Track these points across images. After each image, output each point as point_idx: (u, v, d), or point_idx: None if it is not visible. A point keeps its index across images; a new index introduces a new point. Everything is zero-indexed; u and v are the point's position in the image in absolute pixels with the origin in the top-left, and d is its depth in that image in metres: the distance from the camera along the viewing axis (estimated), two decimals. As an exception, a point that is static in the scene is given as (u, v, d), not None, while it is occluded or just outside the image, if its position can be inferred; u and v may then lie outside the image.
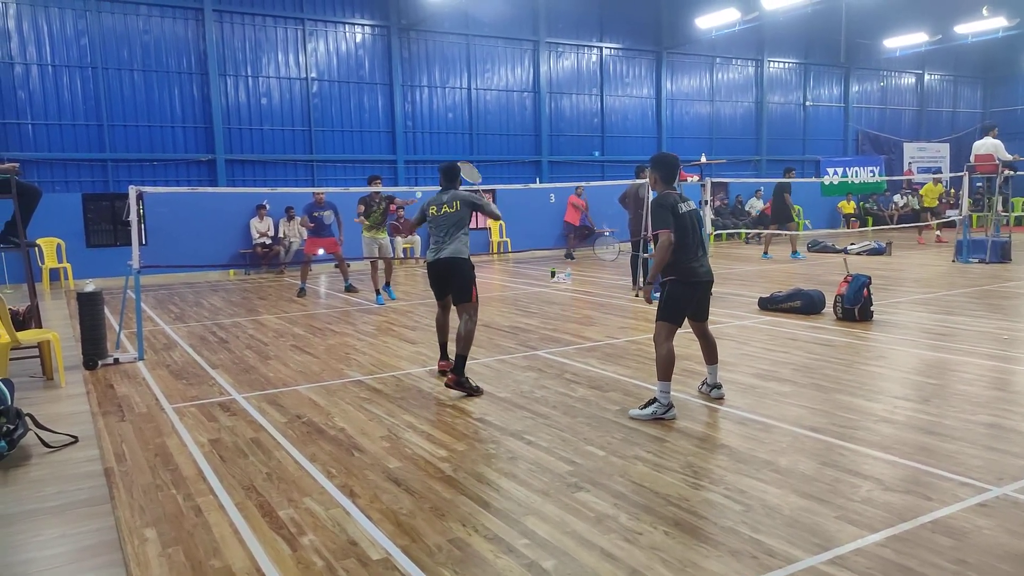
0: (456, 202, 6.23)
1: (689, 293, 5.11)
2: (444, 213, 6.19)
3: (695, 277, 5.10)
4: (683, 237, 5.03)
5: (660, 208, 5.03)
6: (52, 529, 3.70)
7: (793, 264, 15.11)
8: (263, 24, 17.28)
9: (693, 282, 5.11)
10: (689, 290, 5.10)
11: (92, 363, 7.15)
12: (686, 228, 5.06)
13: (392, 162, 18.92)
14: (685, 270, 5.07)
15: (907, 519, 3.46)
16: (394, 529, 3.52)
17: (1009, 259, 13.93)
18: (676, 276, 5.07)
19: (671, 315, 5.08)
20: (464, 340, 5.87)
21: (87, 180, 15.74)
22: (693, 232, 5.11)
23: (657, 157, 5.40)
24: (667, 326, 5.06)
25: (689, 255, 5.07)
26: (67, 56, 15.36)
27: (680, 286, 5.09)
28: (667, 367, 5.02)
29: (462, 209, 6.20)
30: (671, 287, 5.10)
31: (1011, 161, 14.18)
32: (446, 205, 6.23)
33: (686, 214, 5.08)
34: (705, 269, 5.18)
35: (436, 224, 6.23)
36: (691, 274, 5.09)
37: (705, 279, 5.19)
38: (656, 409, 5.03)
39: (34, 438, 4.88)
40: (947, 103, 30.09)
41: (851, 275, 8.60)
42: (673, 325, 5.08)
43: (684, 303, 5.11)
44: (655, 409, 5.03)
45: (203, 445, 4.81)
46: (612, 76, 22.31)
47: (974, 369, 6.24)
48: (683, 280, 5.08)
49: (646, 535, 3.38)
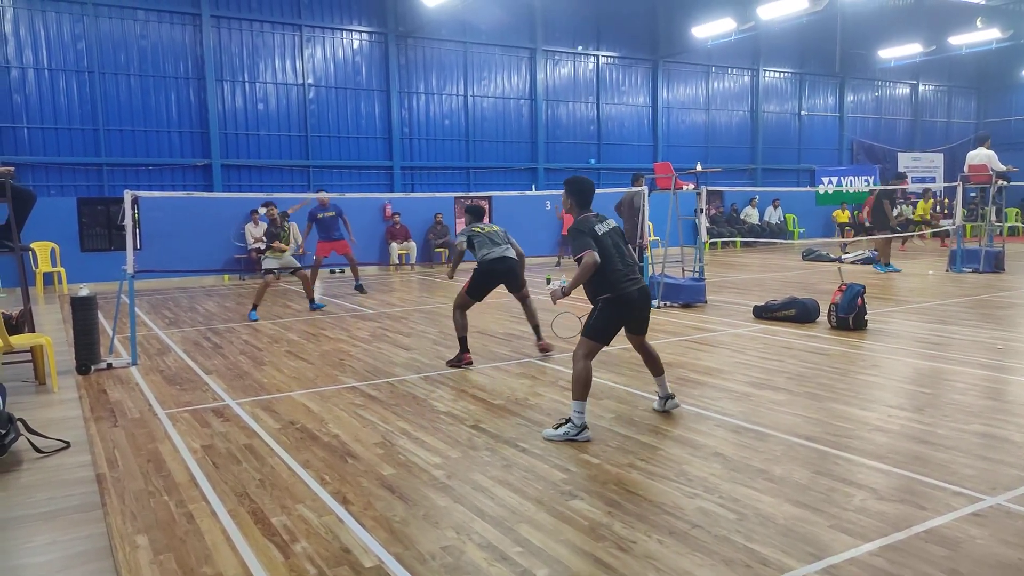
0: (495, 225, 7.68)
1: (622, 312, 4.93)
2: (491, 231, 7.47)
3: (628, 296, 4.90)
4: (608, 258, 4.87)
5: (578, 233, 4.91)
6: (43, 535, 3.68)
7: (794, 273, 15.14)
8: (260, 30, 17.31)
9: (627, 301, 4.91)
10: (622, 309, 4.92)
11: (85, 368, 7.12)
12: (608, 249, 4.91)
13: (388, 168, 18.94)
14: (617, 289, 4.88)
15: (901, 528, 3.46)
16: (387, 536, 3.51)
17: (1003, 269, 13.98)
18: (610, 294, 4.89)
19: (597, 334, 4.89)
20: (535, 313, 7.62)
21: (82, 184, 15.72)
22: (618, 251, 4.99)
23: (571, 181, 5.26)
24: (590, 344, 4.87)
25: (618, 275, 4.90)
26: (64, 60, 15.36)
27: (612, 305, 4.89)
28: (584, 386, 4.79)
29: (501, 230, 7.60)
30: (603, 305, 4.90)
31: (1005, 172, 14.26)
32: (487, 227, 7.52)
33: (606, 235, 4.96)
34: (639, 287, 4.98)
35: (493, 236, 7.44)
36: (623, 293, 4.88)
37: (638, 297, 4.97)
38: (568, 430, 4.77)
39: (26, 443, 4.85)
40: (941, 113, 30.27)
41: (845, 284, 8.62)
42: (597, 344, 4.90)
43: (614, 323, 4.94)
44: (567, 430, 4.78)
45: (196, 451, 4.79)
46: (608, 84, 22.39)
47: (968, 379, 6.26)
48: (615, 299, 4.88)
49: (640, 544, 3.38)
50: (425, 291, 13.75)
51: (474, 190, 19.83)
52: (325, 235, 12.34)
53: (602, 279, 4.88)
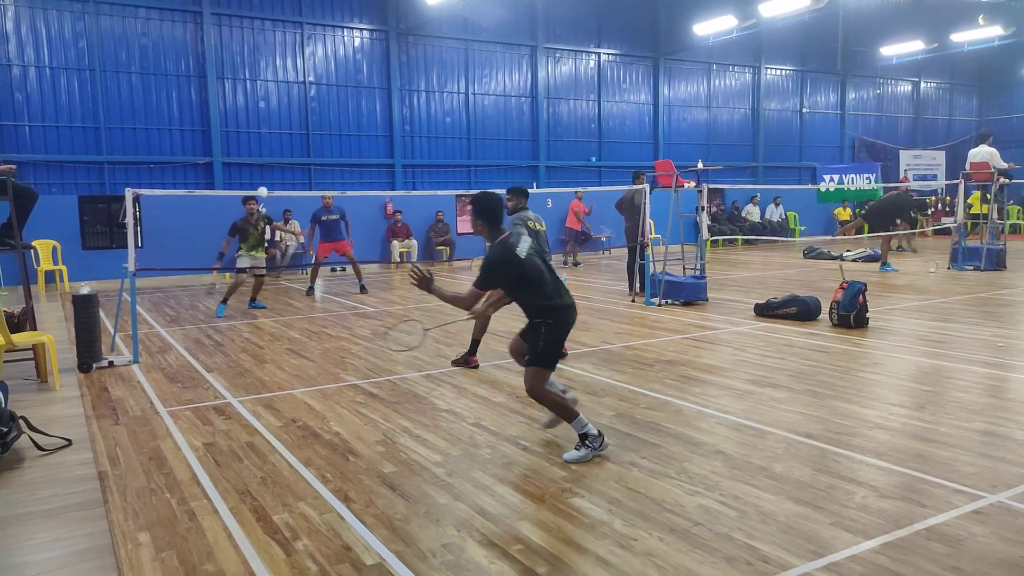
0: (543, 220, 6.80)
1: (564, 332, 4.67)
2: (540, 230, 6.63)
3: (567, 314, 4.62)
4: (538, 280, 4.57)
5: (492, 265, 4.52)
6: (45, 533, 3.68)
7: (795, 271, 15.14)
8: (261, 28, 17.30)
9: (566, 320, 4.62)
10: (565, 329, 4.65)
11: (87, 366, 7.12)
12: (538, 269, 4.60)
13: (390, 166, 18.94)
14: (557, 310, 4.57)
15: (902, 526, 3.46)
16: (388, 534, 3.51)
17: (1004, 267, 13.98)
18: (552, 320, 4.54)
19: (549, 361, 4.58)
20: None
21: (83, 182, 15.72)
22: (547, 267, 4.72)
23: (476, 200, 4.78)
24: (542, 373, 4.56)
25: (551, 294, 4.59)
26: (65, 58, 15.35)
27: (556, 329, 4.57)
28: (563, 408, 4.55)
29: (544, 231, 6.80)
30: (548, 332, 4.53)
31: (1006, 169, 14.24)
32: (538, 223, 6.67)
33: (528, 257, 4.57)
34: (570, 301, 4.68)
35: (539, 238, 6.54)
36: (563, 312, 4.59)
37: (571, 313, 4.67)
38: (591, 444, 4.45)
39: (28, 441, 4.86)
40: (943, 111, 30.22)
41: (847, 282, 8.62)
42: (548, 371, 4.61)
43: (560, 345, 4.69)
44: (590, 444, 4.45)
45: (197, 449, 4.80)
46: (610, 82, 22.36)
47: (969, 376, 6.25)
48: (558, 322, 4.58)
49: (641, 541, 3.38)
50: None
51: (475, 188, 19.79)
52: (326, 236, 12.63)
53: (540, 304, 4.57)
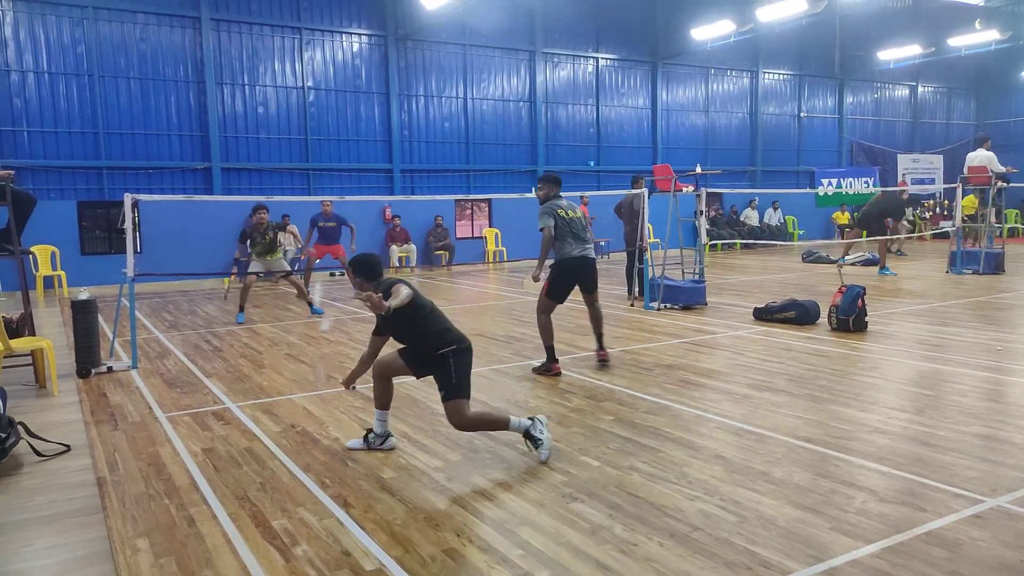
0: (576, 207, 6.90)
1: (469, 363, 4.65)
2: (574, 217, 6.70)
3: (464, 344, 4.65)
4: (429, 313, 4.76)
5: None
6: (43, 539, 3.67)
7: (794, 274, 15.15)
8: (260, 33, 17.33)
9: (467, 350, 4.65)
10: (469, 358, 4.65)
11: (85, 371, 7.11)
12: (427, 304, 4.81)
13: (388, 171, 18.95)
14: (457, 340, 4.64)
15: (901, 530, 3.46)
16: (388, 539, 3.51)
17: (1002, 270, 13.99)
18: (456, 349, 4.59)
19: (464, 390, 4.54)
20: (602, 320, 7.00)
21: (82, 188, 15.73)
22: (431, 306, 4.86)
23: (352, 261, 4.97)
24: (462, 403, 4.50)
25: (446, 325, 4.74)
26: (64, 64, 15.37)
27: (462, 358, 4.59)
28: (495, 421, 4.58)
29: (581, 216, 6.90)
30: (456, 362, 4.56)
31: (1004, 173, 14.28)
32: (570, 210, 6.76)
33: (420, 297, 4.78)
34: None
35: (574, 225, 6.71)
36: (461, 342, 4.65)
37: None
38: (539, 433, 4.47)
39: (26, 447, 4.85)
40: (940, 115, 30.29)
41: (846, 286, 8.62)
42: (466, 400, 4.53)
43: None
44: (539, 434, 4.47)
45: (196, 454, 4.79)
46: (608, 86, 22.41)
47: (968, 380, 6.26)
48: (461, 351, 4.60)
49: (641, 546, 3.38)
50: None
51: (474, 192, 19.84)
52: (322, 239, 12.77)
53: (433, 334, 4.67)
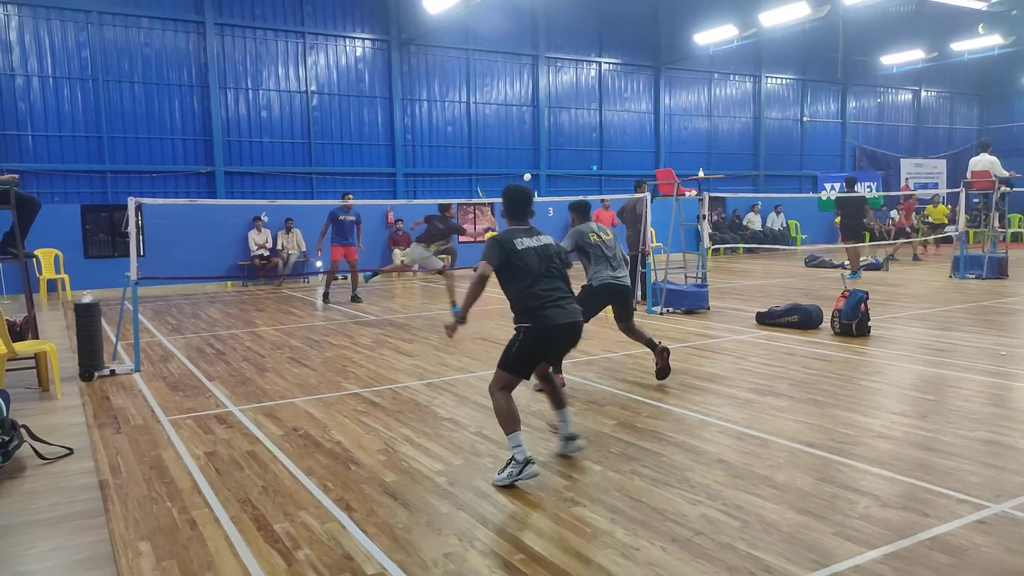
0: (606, 231, 6.53)
1: (543, 347, 4.36)
2: (605, 240, 6.41)
3: (550, 328, 4.29)
4: (524, 276, 4.29)
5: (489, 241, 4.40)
6: (46, 542, 3.68)
7: (796, 279, 15.14)
8: (264, 37, 17.38)
9: (547, 335, 4.31)
10: (545, 343, 4.35)
11: (88, 375, 7.13)
12: (529, 266, 4.31)
13: (391, 175, 18.98)
14: (538, 318, 4.28)
15: (905, 536, 3.45)
16: (390, 543, 3.51)
17: (1006, 275, 13.96)
18: (531, 326, 4.28)
19: (513, 368, 4.31)
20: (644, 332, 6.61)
21: (86, 191, 15.77)
22: (551, 272, 4.39)
23: (505, 189, 4.67)
24: (502, 376, 4.31)
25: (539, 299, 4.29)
26: (68, 68, 15.43)
27: (531, 339, 4.30)
28: (507, 418, 4.22)
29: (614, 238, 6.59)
30: (524, 338, 4.31)
31: (1007, 178, 14.25)
32: (602, 233, 6.44)
33: (526, 250, 4.34)
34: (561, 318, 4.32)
35: (606, 247, 6.39)
36: (546, 322, 4.27)
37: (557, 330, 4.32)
38: (512, 471, 4.13)
39: (29, 450, 4.85)
40: (944, 120, 30.27)
41: (848, 290, 8.61)
42: (511, 377, 4.31)
43: (534, 357, 4.36)
44: (511, 471, 4.13)
45: (199, 458, 4.79)
46: (611, 91, 22.43)
47: (972, 385, 6.24)
48: (536, 332, 4.29)
49: (643, 551, 3.37)
50: (427, 297, 13.75)
51: (477, 197, 19.85)
52: (341, 239, 12.58)
53: (524, 308, 4.31)
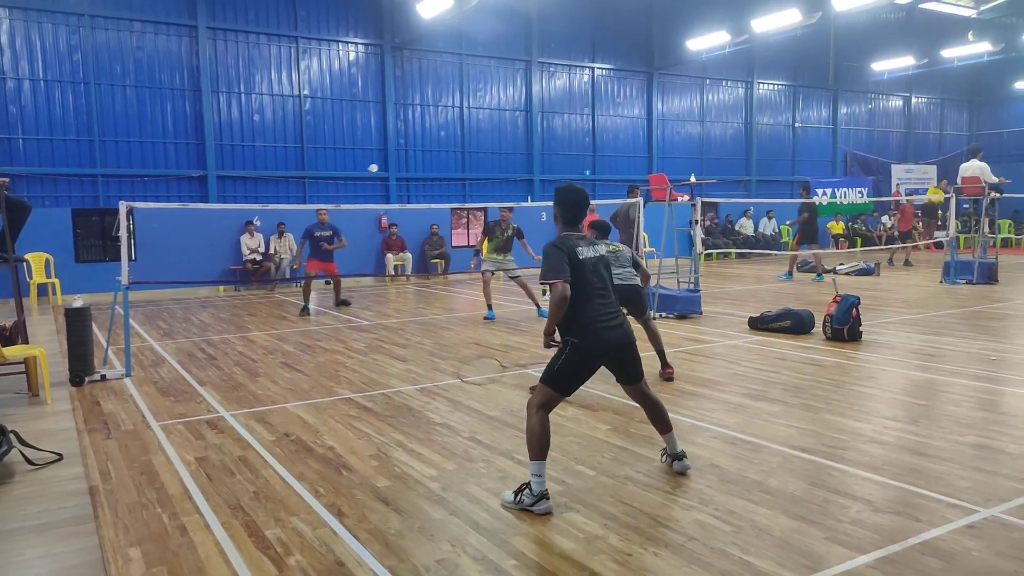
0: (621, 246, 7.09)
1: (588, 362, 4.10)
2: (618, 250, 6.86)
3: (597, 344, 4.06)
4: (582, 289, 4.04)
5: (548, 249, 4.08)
6: (34, 548, 3.65)
7: (788, 284, 15.19)
8: (256, 41, 17.36)
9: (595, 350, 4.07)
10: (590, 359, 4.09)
11: (78, 379, 7.08)
12: (587, 279, 4.07)
13: (384, 179, 18.96)
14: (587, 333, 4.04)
15: (896, 540, 3.46)
16: (382, 549, 3.49)
17: (996, 280, 14.05)
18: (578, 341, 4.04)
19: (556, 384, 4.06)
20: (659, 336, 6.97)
21: (77, 195, 15.69)
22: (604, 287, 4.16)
23: (559, 190, 4.34)
24: (544, 391, 4.07)
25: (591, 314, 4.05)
26: (59, 71, 15.36)
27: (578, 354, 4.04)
28: (538, 443, 3.94)
29: None
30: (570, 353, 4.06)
31: (997, 183, 14.35)
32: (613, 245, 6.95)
33: (586, 260, 4.09)
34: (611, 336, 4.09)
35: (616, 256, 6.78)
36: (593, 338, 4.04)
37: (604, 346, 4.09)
38: (524, 498, 3.88)
39: (18, 455, 4.82)
40: (934, 126, 30.48)
41: (840, 295, 8.65)
42: (553, 394, 4.07)
43: (578, 374, 4.10)
44: (523, 497, 3.88)
45: (189, 463, 4.77)
46: (604, 96, 22.49)
47: (962, 390, 6.27)
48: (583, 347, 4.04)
49: (636, 556, 3.37)
50: (421, 302, 13.73)
51: (470, 201, 19.87)
52: (318, 256, 12.27)
53: (574, 320, 4.05)
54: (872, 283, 14.65)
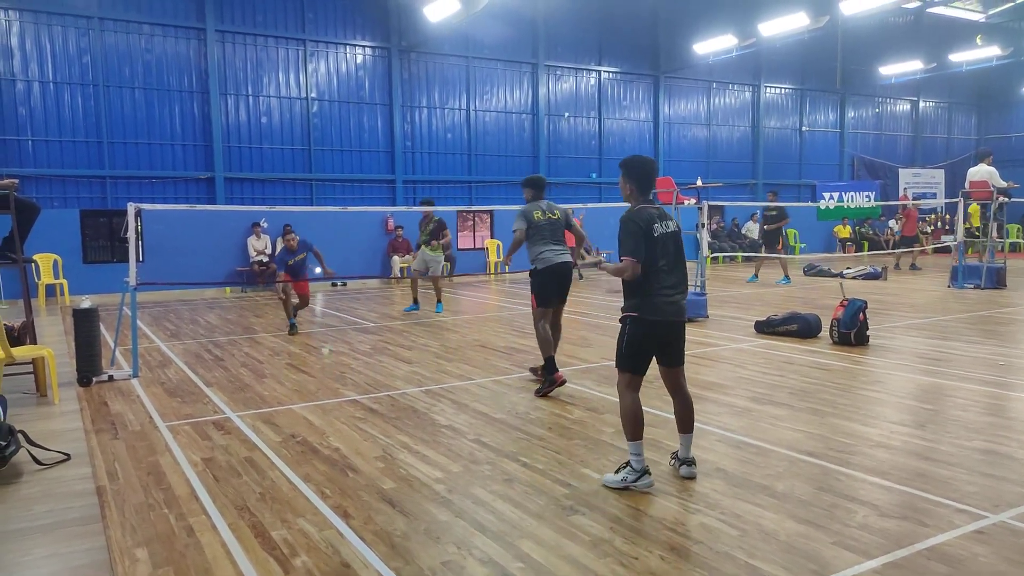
0: (556, 210, 6.79)
1: (650, 338, 4.20)
2: (550, 219, 6.65)
3: (656, 316, 4.15)
4: (653, 265, 4.12)
5: (629, 227, 4.12)
6: (42, 548, 3.66)
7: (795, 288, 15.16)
8: (264, 44, 17.42)
9: (653, 327, 4.16)
10: (652, 333, 4.19)
11: (86, 380, 7.12)
12: (659, 255, 4.13)
13: (391, 182, 19.00)
14: (646, 309, 4.15)
15: (903, 545, 3.44)
16: (388, 551, 3.50)
17: (1004, 285, 13.98)
18: (636, 313, 4.17)
19: (626, 362, 4.23)
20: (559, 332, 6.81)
21: (85, 196, 15.77)
22: (673, 261, 4.21)
23: (627, 161, 4.34)
24: (623, 376, 4.27)
25: (656, 289, 4.14)
26: (69, 73, 15.45)
27: (639, 329, 4.18)
28: (631, 422, 4.18)
29: (561, 217, 6.75)
30: (629, 329, 4.21)
31: (1005, 188, 14.30)
32: (549, 212, 6.71)
33: (661, 236, 4.15)
34: (670, 309, 4.17)
35: (550, 228, 6.63)
36: (652, 312, 4.14)
37: (663, 323, 4.18)
38: (627, 475, 4.16)
39: (26, 455, 4.84)
40: (942, 130, 30.37)
41: (847, 299, 8.62)
42: (631, 375, 4.24)
43: (644, 350, 4.22)
44: (625, 475, 4.17)
45: (196, 464, 4.78)
46: (610, 99, 22.50)
47: (970, 395, 6.24)
48: (643, 322, 4.16)
49: (642, 559, 3.36)
50: (426, 304, 13.75)
51: (476, 203, 19.90)
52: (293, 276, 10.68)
53: (635, 291, 4.15)
54: (879, 287, 14.60)
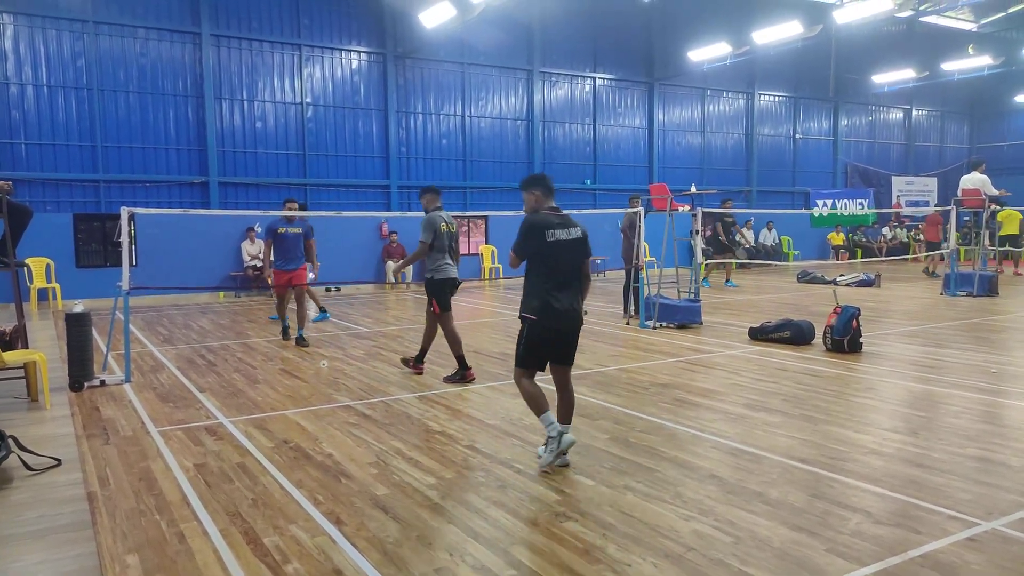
0: (454, 223, 7.36)
1: (544, 338, 4.63)
2: (451, 232, 7.21)
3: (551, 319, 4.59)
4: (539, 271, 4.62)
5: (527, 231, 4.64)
6: (32, 555, 3.64)
7: (789, 295, 15.19)
8: (260, 49, 17.42)
9: (548, 325, 4.60)
10: (545, 334, 4.62)
11: (78, 385, 7.08)
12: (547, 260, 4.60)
13: (386, 187, 19.00)
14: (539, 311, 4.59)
15: (896, 553, 3.45)
16: (380, 558, 3.48)
17: (996, 292, 14.05)
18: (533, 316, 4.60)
19: (522, 361, 4.69)
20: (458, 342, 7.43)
21: (79, 200, 15.71)
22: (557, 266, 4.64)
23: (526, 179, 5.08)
24: (517, 371, 4.73)
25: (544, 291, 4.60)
26: (63, 77, 15.41)
27: (533, 331, 4.62)
28: (533, 402, 4.62)
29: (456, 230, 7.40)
30: (526, 331, 4.65)
31: (998, 196, 14.38)
32: (451, 224, 7.25)
33: (555, 242, 4.61)
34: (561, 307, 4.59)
35: (450, 238, 7.21)
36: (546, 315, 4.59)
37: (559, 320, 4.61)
38: (552, 446, 4.54)
39: (16, 460, 4.81)
40: (934, 138, 30.55)
41: (840, 306, 8.64)
42: (524, 369, 4.69)
43: (538, 351, 4.66)
44: (552, 447, 4.54)
45: (188, 470, 4.76)
46: (605, 106, 22.56)
47: (962, 402, 6.26)
48: (538, 324, 4.60)
49: (635, 566, 3.36)
50: (420, 310, 13.70)
51: (471, 209, 19.90)
52: (282, 261, 9.52)
53: (531, 293, 4.63)
54: (872, 294, 14.65)
